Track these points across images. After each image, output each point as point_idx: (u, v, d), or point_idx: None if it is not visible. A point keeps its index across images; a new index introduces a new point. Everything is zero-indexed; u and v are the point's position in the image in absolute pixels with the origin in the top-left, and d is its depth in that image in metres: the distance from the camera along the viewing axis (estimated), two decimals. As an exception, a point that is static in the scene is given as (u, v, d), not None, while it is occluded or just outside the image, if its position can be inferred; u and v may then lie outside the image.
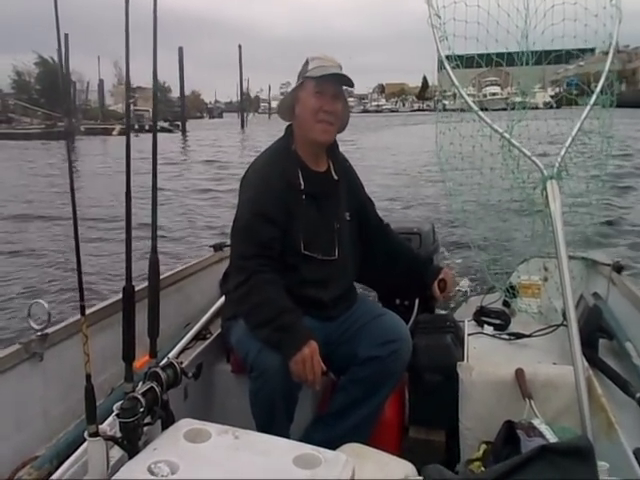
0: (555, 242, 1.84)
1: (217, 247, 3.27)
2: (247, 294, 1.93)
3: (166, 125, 50.20)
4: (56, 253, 7.85)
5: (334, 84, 2.09)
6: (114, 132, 41.86)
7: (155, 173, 1.51)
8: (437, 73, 2.27)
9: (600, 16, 2.23)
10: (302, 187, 2.11)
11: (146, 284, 1.51)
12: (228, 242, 3.03)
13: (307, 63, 2.14)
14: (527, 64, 2.28)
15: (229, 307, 2.22)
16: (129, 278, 1.41)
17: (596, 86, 2.19)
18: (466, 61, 2.38)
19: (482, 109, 2.21)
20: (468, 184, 2.48)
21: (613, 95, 2.26)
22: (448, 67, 2.27)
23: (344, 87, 2.15)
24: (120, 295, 1.42)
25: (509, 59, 2.36)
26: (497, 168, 2.35)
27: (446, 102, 2.31)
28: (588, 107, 2.19)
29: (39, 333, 1.89)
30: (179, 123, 50.80)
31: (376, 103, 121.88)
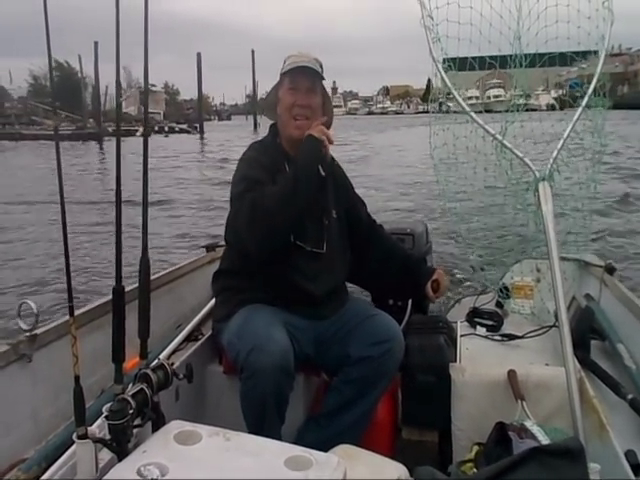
0: (547, 243, 1.85)
1: (209, 248, 3.25)
2: (252, 210, 1.92)
3: (185, 127, 54.61)
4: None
5: (307, 78, 2.10)
6: (137, 134, 43.05)
7: (146, 170, 1.50)
8: (437, 76, 2.26)
9: (593, 18, 2.24)
10: None
11: (136, 285, 1.50)
12: (220, 242, 3.03)
13: (285, 62, 2.16)
14: (521, 66, 2.28)
15: (220, 308, 2.21)
16: (119, 278, 1.40)
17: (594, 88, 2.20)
18: (459, 63, 2.38)
19: (485, 111, 2.21)
20: (462, 184, 2.48)
21: (605, 97, 2.26)
22: (440, 69, 2.27)
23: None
24: (110, 296, 1.41)
25: (502, 61, 2.36)
26: (491, 169, 2.35)
27: (451, 104, 2.30)
28: (580, 109, 2.20)
29: (28, 334, 1.87)
30: (197, 125, 53.18)
31: (381, 105, 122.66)
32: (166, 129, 51.23)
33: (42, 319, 1.96)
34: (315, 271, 2.12)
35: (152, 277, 1.55)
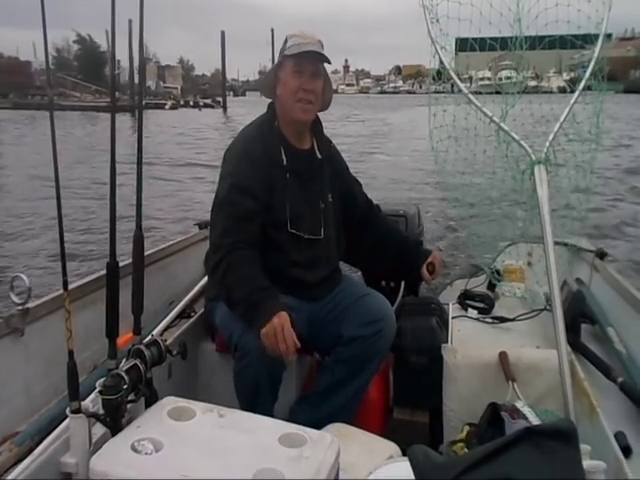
0: (542, 227, 1.85)
1: (202, 225, 3.23)
2: (223, 275, 1.92)
3: (209, 102, 57.27)
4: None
5: (312, 62, 2.06)
6: (166, 107, 49.69)
7: (140, 148, 1.48)
8: (435, 57, 2.24)
9: (592, 2, 2.22)
10: (284, 163, 2.09)
11: (130, 260, 1.49)
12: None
13: (286, 41, 2.10)
14: (521, 48, 2.26)
15: (212, 287, 2.21)
16: (113, 254, 1.38)
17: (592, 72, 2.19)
18: (460, 43, 2.36)
19: (496, 92, 2.19)
20: (459, 166, 2.47)
21: (604, 80, 2.25)
22: (439, 49, 2.25)
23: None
24: (104, 271, 1.40)
25: (503, 43, 2.35)
26: (489, 151, 2.34)
27: (463, 85, 2.27)
28: (577, 92, 2.19)
29: (20, 308, 1.86)
30: (219, 100, 56.01)
31: (393, 85, 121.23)
32: (191, 103, 55.93)
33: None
34: (311, 259, 2.11)
35: (145, 253, 1.53)
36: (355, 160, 12.28)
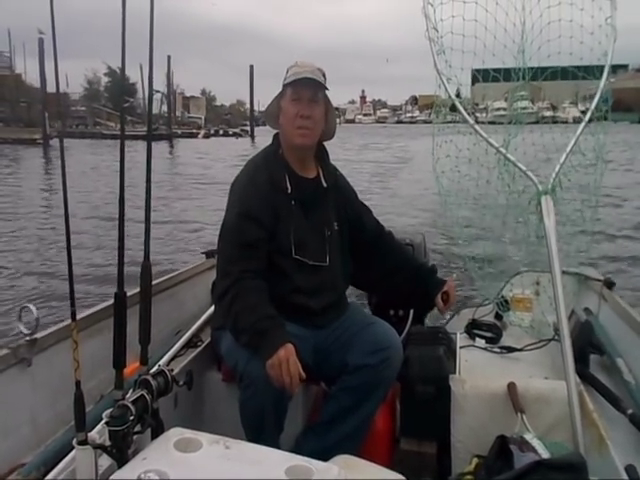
0: (549, 256, 1.85)
1: (209, 254, 3.24)
2: (230, 304, 1.92)
3: (237, 131, 62.30)
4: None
5: (310, 89, 2.09)
6: (199, 136, 54.75)
7: (149, 178, 1.49)
8: (441, 87, 2.27)
9: (596, 34, 2.25)
10: (289, 191, 2.11)
11: (137, 290, 1.49)
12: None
13: (287, 72, 2.15)
14: (524, 79, 2.29)
15: (218, 316, 2.21)
16: (121, 284, 1.39)
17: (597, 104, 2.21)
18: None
19: (510, 122, 2.21)
20: (464, 197, 2.48)
21: (608, 112, 2.27)
22: (445, 80, 2.28)
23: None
24: (111, 301, 1.41)
25: (506, 74, 2.38)
26: (493, 182, 2.35)
27: (479, 115, 2.30)
28: (583, 124, 2.21)
29: (27, 338, 1.87)
30: (247, 129, 60.55)
31: (410, 114, 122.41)
32: (221, 132, 61.48)
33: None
34: (316, 285, 2.12)
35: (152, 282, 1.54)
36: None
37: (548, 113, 2.39)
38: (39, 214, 11.97)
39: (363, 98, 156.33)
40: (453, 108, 2.33)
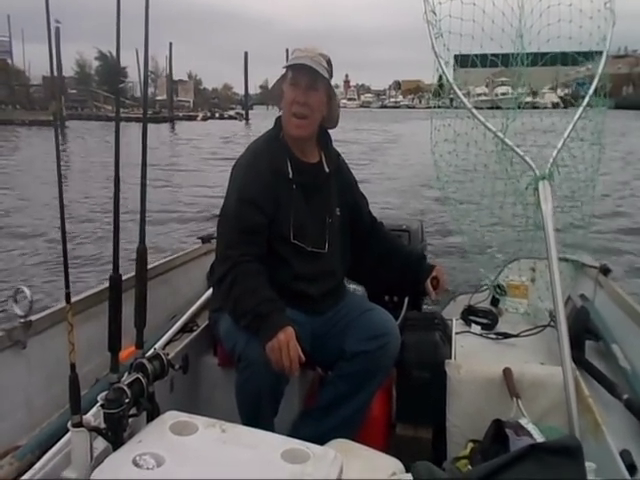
0: (546, 242, 1.85)
1: (205, 239, 3.24)
2: (230, 287, 1.91)
3: (232, 114, 63.29)
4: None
5: (308, 75, 2.04)
6: (198, 118, 54.97)
7: (145, 162, 1.48)
8: (439, 71, 2.25)
9: (595, 18, 2.23)
10: (290, 176, 2.09)
11: (133, 274, 1.48)
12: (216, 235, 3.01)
13: (292, 53, 2.12)
14: (523, 64, 2.28)
15: (216, 299, 2.20)
16: (116, 267, 1.38)
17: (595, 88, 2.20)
18: (461, 60, 2.37)
19: (494, 107, 2.20)
20: (462, 181, 2.48)
21: (606, 97, 2.26)
22: (442, 64, 2.26)
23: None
24: (107, 284, 1.40)
25: (505, 59, 2.36)
26: (491, 166, 2.35)
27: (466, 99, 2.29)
28: (581, 109, 2.20)
29: (22, 320, 1.86)
30: (242, 112, 60.11)
31: (394, 99, 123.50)
32: (217, 115, 61.95)
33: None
34: (315, 272, 2.10)
35: (148, 267, 1.53)
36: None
37: (528, 99, 2.38)
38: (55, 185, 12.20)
39: (347, 82, 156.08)
40: (441, 89, 2.32)
